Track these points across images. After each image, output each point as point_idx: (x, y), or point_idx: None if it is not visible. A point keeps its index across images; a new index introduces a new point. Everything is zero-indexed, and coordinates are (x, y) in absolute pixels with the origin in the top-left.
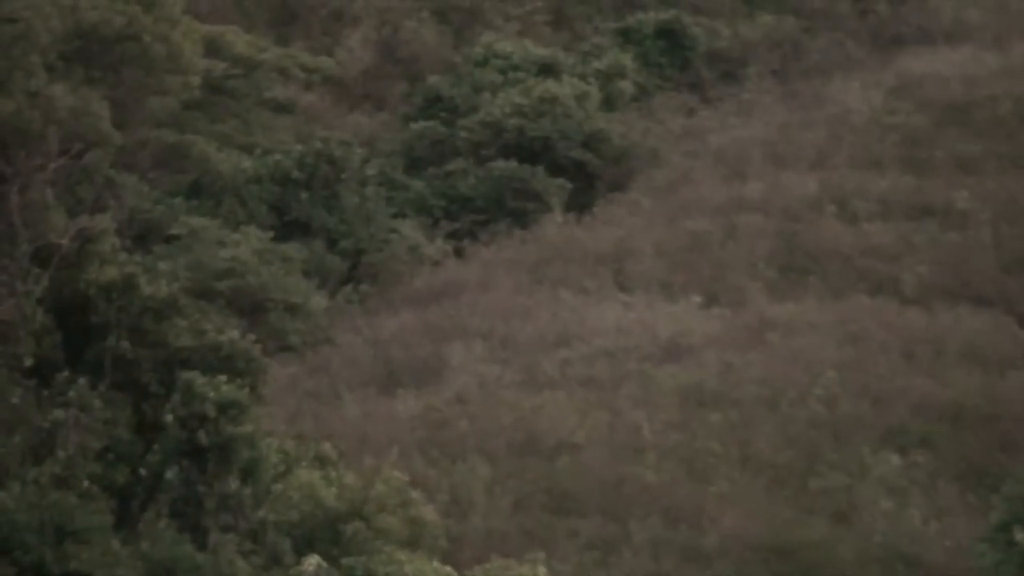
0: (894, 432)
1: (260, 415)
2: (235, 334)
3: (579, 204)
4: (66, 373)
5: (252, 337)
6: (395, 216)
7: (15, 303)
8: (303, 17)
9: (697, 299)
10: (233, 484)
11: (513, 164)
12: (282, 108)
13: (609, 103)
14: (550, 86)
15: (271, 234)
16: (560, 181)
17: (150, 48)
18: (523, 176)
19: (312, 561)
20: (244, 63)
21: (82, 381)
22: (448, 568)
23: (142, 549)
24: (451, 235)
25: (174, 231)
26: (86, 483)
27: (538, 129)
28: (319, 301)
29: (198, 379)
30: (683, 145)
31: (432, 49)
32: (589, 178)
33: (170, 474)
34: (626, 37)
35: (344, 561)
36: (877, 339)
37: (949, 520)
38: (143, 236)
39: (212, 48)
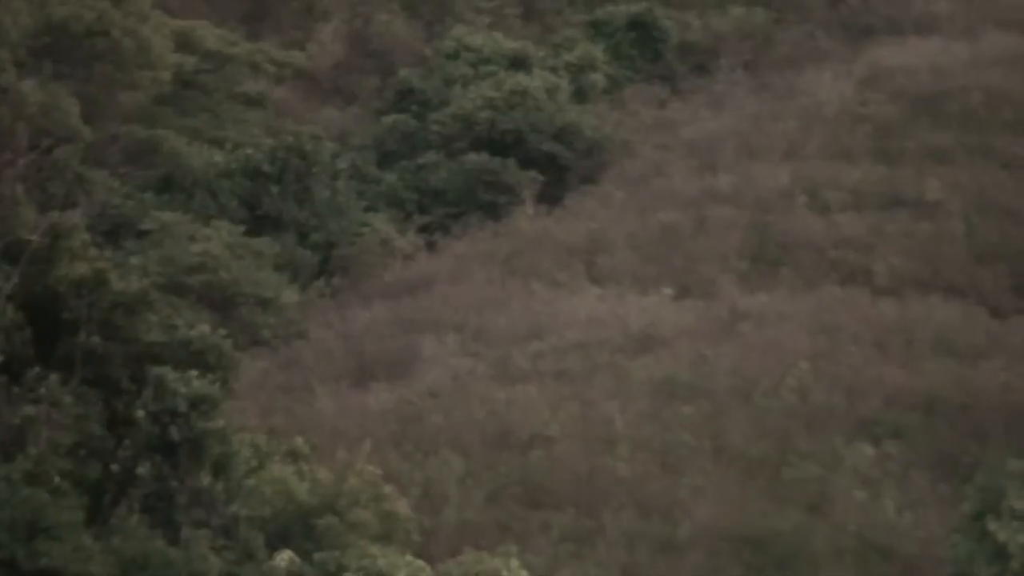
0: (867, 423)
1: (232, 410)
2: (206, 329)
3: (551, 196)
4: (37, 369)
5: (223, 332)
6: (367, 209)
7: None
8: (274, 11)
9: (669, 291)
10: (205, 479)
11: (484, 157)
12: (253, 102)
13: (580, 95)
14: (521, 79)
15: (242, 228)
16: (531, 174)
17: (120, 43)
18: (494, 169)
19: (284, 556)
20: (215, 57)
21: (53, 377)
22: (421, 562)
23: (114, 545)
24: (423, 228)
25: (145, 226)
26: (57, 479)
27: (509, 122)
28: (291, 295)
29: (169, 374)
30: (655, 137)
31: (403, 43)
32: (560, 170)
33: (142, 470)
34: (597, 29)
35: (317, 556)
36: (849, 330)
37: (922, 510)
38: (114, 231)
39: (182, 43)
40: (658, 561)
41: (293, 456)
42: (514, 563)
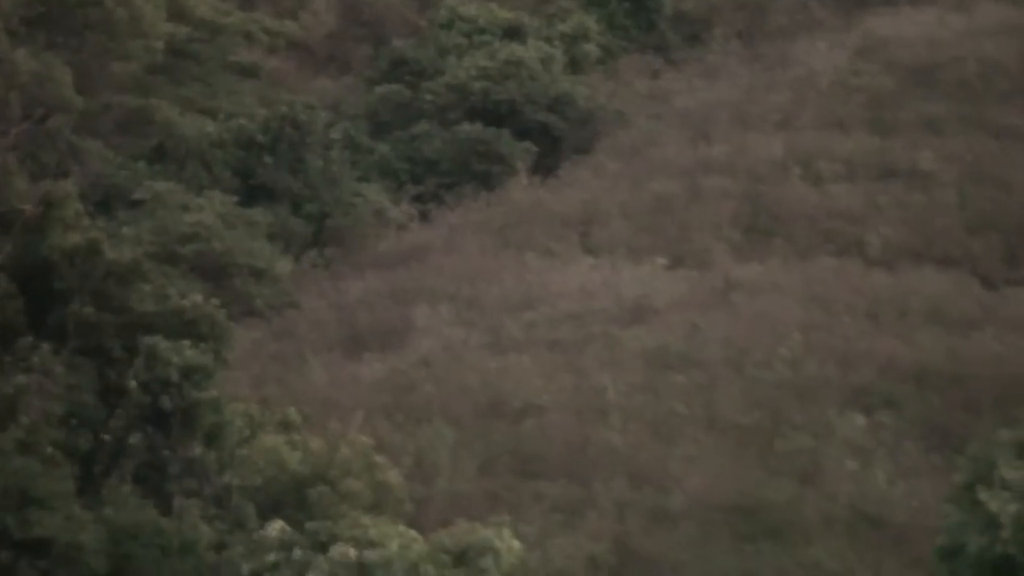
0: (859, 393)
1: (224, 380)
2: (199, 299)
3: (544, 167)
4: (29, 339)
5: (216, 302)
6: (360, 180)
7: None
8: None
9: (662, 261)
10: (197, 449)
11: (478, 127)
12: (246, 72)
13: (574, 66)
14: (515, 49)
15: (235, 198)
16: (525, 144)
17: (113, 13)
18: (488, 139)
19: (276, 526)
20: (208, 27)
21: (45, 347)
22: (413, 531)
23: (105, 514)
24: (416, 198)
25: (138, 196)
26: (49, 449)
27: (503, 92)
28: (284, 265)
29: (162, 344)
30: (648, 107)
31: (397, 12)
32: (554, 141)
33: (133, 439)
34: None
35: (309, 525)
36: (842, 300)
37: (914, 480)
38: (107, 201)
39: (175, 12)
40: (650, 530)
41: (285, 426)
42: (506, 533)
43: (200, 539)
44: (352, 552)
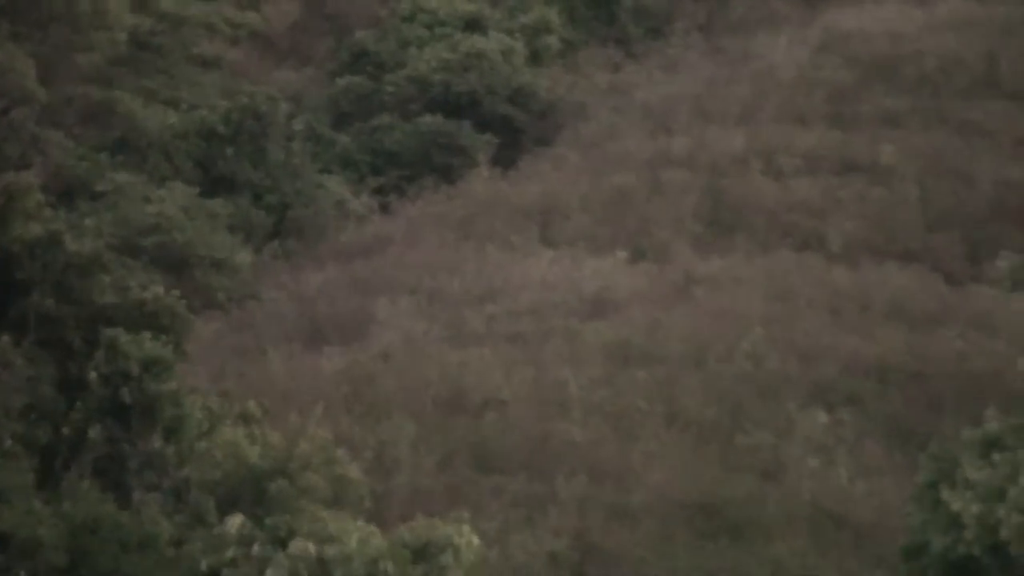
0: (821, 389)
1: (184, 372)
2: (159, 290)
3: (505, 159)
4: None
5: (177, 293)
6: (321, 171)
7: None
8: None
9: (623, 254)
10: (157, 442)
11: (439, 119)
12: (208, 64)
13: (535, 58)
14: (476, 41)
15: (196, 190)
16: (486, 136)
17: (76, 4)
18: (449, 131)
19: (235, 520)
20: (170, 19)
21: (5, 338)
22: (372, 527)
23: (64, 508)
24: (377, 190)
25: (99, 187)
26: (8, 442)
27: (464, 84)
28: (245, 257)
29: (122, 336)
30: (609, 100)
31: (359, 4)
32: (515, 133)
33: (93, 432)
34: None
35: (268, 520)
36: (804, 295)
37: (876, 478)
38: (68, 192)
39: (138, 4)
40: (610, 527)
41: (245, 419)
42: (466, 529)
43: (160, 534)
44: (312, 547)
